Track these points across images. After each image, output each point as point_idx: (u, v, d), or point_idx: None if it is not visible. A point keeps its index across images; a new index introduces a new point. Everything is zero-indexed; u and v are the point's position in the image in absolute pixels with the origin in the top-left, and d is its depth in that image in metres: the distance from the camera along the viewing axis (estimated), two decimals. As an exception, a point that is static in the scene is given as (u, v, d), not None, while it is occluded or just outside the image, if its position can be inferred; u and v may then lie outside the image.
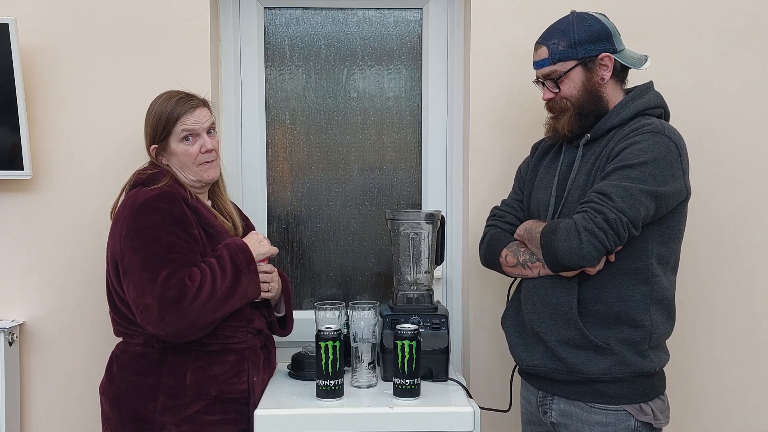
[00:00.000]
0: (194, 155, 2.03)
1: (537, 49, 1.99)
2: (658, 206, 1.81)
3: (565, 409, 1.93)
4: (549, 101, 1.99)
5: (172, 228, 1.90)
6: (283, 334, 2.24)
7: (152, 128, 2.03)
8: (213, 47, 2.44)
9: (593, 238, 1.76)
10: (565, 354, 1.88)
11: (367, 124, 2.64)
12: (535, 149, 2.17)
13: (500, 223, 2.10)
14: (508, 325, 2.07)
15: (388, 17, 2.62)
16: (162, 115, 2.02)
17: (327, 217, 2.66)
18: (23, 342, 2.41)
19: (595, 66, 1.92)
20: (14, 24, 2.21)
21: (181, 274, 1.86)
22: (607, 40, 1.92)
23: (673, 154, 1.83)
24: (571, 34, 1.92)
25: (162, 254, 1.87)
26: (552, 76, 1.95)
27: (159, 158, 2.05)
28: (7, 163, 2.29)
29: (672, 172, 1.82)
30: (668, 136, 1.84)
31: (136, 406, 1.95)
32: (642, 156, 1.80)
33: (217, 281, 1.89)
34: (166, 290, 1.83)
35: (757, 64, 2.45)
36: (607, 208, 1.76)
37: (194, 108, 2.03)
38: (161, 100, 2.05)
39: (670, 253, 1.90)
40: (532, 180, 2.09)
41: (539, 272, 1.91)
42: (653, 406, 1.89)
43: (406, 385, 1.95)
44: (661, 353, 1.92)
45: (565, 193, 1.94)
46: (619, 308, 1.85)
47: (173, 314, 1.84)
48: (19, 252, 2.39)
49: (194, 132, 2.03)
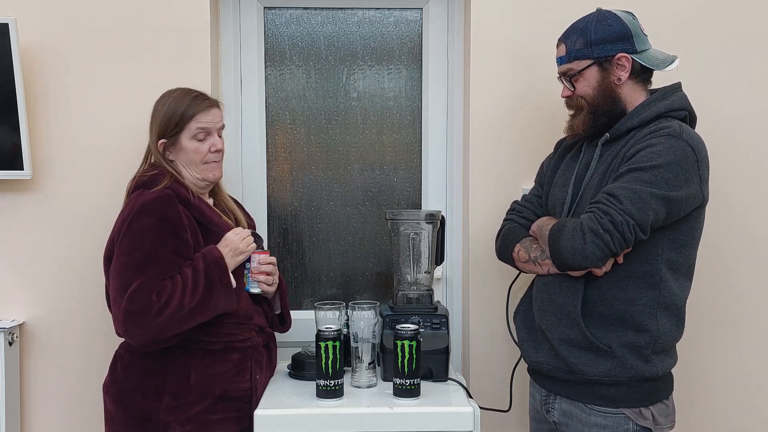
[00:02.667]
0: (203, 153, 2.04)
1: (558, 46, 1.98)
2: (670, 211, 1.78)
3: (566, 409, 1.93)
4: (567, 99, 1.99)
5: (163, 233, 1.91)
6: (283, 330, 2.25)
7: (164, 123, 2.03)
8: (213, 47, 2.44)
9: (597, 239, 1.75)
10: (566, 353, 1.88)
11: (367, 124, 2.64)
12: (559, 146, 2.15)
13: (517, 217, 2.09)
14: (519, 320, 2.06)
15: (388, 17, 2.62)
16: (177, 110, 2.02)
17: (327, 217, 2.65)
18: (23, 342, 2.40)
19: (611, 66, 1.89)
20: (14, 24, 2.21)
21: (150, 288, 1.85)
22: (625, 41, 1.88)
23: (689, 159, 1.79)
24: (588, 32, 1.89)
25: (140, 263, 1.88)
26: (568, 73, 1.94)
27: (165, 154, 2.05)
28: (7, 163, 2.29)
29: (687, 178, 1.78)
30: (686, 140, 1.80)
31: (141, 406, 1.95)
32: (656, 159, 1.77)
33: (186, 297, 1.88)
34: (131, 303, 1.84)
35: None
36: (615, 209, 1.75)
37: (210, 107, 2.05)
38: (175, 96, 2.05)
39: (682, 259, 1.87)
40: (552, 177, 2.08)
41: (548, 269, 1.91)
42: (654, 411, 1.87)
43: (406, 385, 1.95)
44: (666, 358, 1.89)
45: (581, 192, 1.92)
46: (624, 311, 1.84)
47: (136, 327, 1.86)
48: (19, 252, 2.39)
49: (208, 130, 2.04)
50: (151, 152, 2.08)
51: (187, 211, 1.98)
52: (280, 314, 2.24)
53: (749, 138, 2.44)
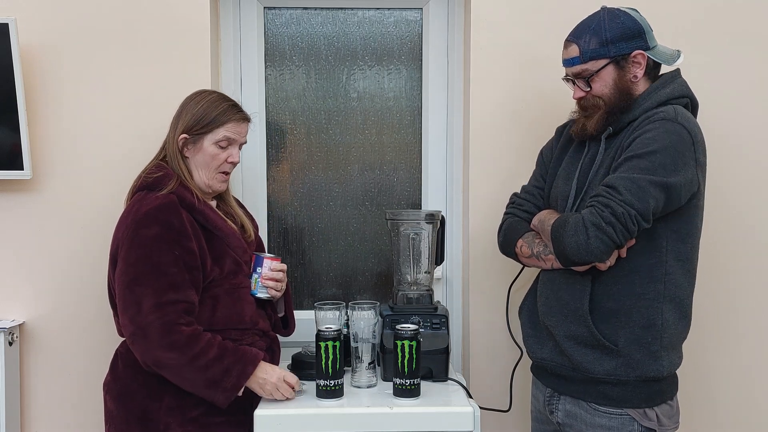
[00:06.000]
0: (220, 161, 2.03)
1: (567, 47, 1.93)
2: (669, 197, 1.76)
3: (570, 410, 1.92)
4: (580, 100, 1.95)
5: (168, 243, 1.90)
6: (286, 333, 2.25)
7: (193, 120, 2.01)
8: (213, 47, 2.44)
9: (601, 233, 1.74)
10: (571, 350, 1.87)
11: (367, 124, 2.64)
12: (560, 134, 2.11)
13: (518, 211, 2.07)
14: (524, 315, 2.05)
15: (388, 17, 2.62)
16: (210, 113, 2.01)
17: (327, 217, 2.65)
18: (23, 342, 2.40)
19: (627, 64, 1.87)
20: (14, 24, 2.21)
21: (165, 312, 1.85)
22: (639, 37, 1.86)
23: (685, 141, 1.78)
24: (603, 31, 1.86)
25: (148, 276, 1.87)
26: (583, 74, 1.90)
27: (183, 149, 2.04)
28: (7, 163, 2.29)
29: (684, 161, 1.77)
30: (681, 123, 1.78)
31: (142, 405, 1.95)
32: (651, 145, 1.76)
33: (192, 366, 1.85)
34: (148, 319, 1.85)
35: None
36: (615, 201, 1.73)
37: (243, 120, 2.06)
38: (212, 98, 2.04)
39: (688, 249, 1.86)
40: (556, 169, 2.05)
41: (552, 264, 1.90)
42: (659, 412, 1.86)
43: (406, 385, 1.95)
44: (673, 355, 1.88)
45: (585, 186, 1.91)
46: (632, 305, 1.83)
47: (141, 345, 1.87)
48: (19, 252, 2.39)
49: (233, 141, 2.04)
50: (164, 147, 2.06)
51: (191, 217, 1.97)
52: (284, 317, 2.23)
53: (749, 138, 2.44)
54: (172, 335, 1.85)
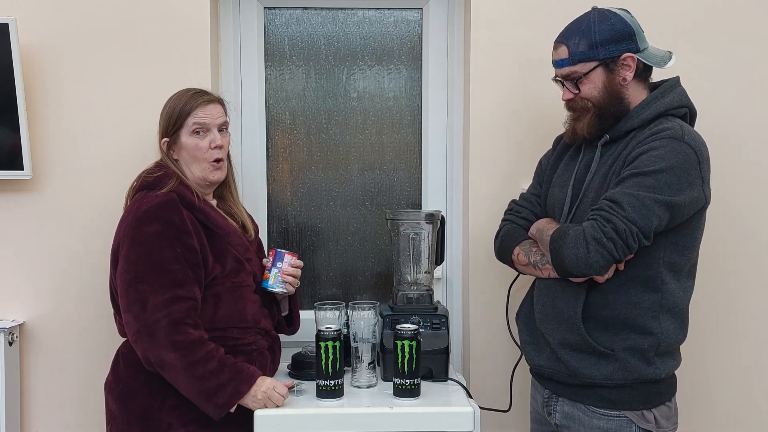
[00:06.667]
0: (204, 149, 2.02)
1: (556, 48, 1.91)
2: (672, 216, 1.76)
3: (568, 411, 1.92)
4: (568, 102, 1.93)
5: (169, 240, 1.90)
6: (290, 332, 2.25)
7: (165, 121, 2.04)
8: (213, 47, 2.44)
9: (601, 248, 1.73)
10: (567, 357, 1.87)
11: (367, 124, 2.64)
12: (557, 143, 2.11)
13: (516, 218, 2.07)
14: (521, 322, 2.05)
15: (388, 17, 2.62)
16: (175, 108, 2.03)
17: (327, 217, 2.65)
18: (23, 342, 2.40)
19: (617, 67, 1.85)
20: (14, 24, 2.21)
21: (170, 311, 1.86)
22: (629, 40, 1.84)
23: (691, 162, 1.76)
24: (592, 33, 1.84)
25: (150, 274, 1.88)
26: (572, 76, 1.88)
27: (170, 152, 2.05)
28: (7, 163, 2.29)
29: (689, 181, 1.76)
30: (687, 142, 1.77)
31: (144, 405, 1.95)
32: (658, 163, 1.74)
33: (190, 374, 1.85)
34: (152, 318, 1.86)
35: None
36: (617, 217, 1.72)
37: (207, 102, 2.05)
38: (177, 94, 2.06)
39: (684, 261, 1.85)
40: (551, 176, 2.05)
41: (549, 274, 1.89)
42: (656, 413, 1.86)
43: (406, 385, 1.95)
44: (670, 360, 1.88)
45: (581, 194, 1.90)
46: (627, 314, 1.82)
47: (146, 343, 1.87)
48: (19, 252, 2.39)
49: (205, 126, 2.03)
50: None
51: (192, 215, 1.97)
52: (288, 316, 2.24)
53: (749, 138, 2.44)
54: (178, 334, 1.85)
